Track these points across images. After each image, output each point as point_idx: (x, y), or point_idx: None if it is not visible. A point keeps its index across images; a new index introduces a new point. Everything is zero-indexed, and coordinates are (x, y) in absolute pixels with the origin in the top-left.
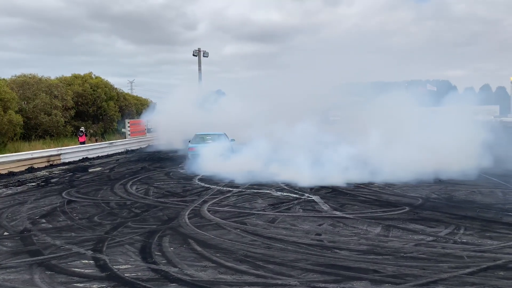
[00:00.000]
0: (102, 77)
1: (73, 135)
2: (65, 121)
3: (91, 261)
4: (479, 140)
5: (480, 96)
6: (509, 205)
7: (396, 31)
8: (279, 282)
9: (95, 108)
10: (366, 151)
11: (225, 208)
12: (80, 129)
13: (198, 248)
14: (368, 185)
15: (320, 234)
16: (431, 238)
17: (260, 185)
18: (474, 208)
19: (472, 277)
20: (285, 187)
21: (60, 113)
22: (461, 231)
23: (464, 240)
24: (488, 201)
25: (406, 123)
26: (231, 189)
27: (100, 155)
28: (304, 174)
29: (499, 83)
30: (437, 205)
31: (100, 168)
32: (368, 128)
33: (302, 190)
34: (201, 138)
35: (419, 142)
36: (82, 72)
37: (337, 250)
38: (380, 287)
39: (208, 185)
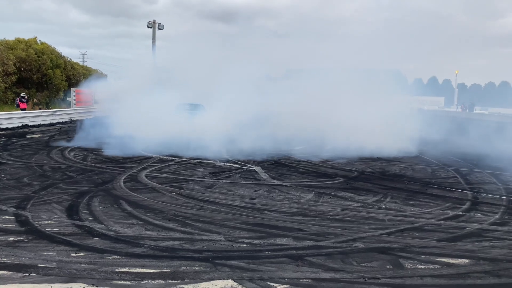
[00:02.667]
0: (50, 44)
1: (14, 103)
2: (5, 87)
3: (12, 217)
4: (420, 126)
5: (428, 87)
6: (435, 179)
7: (353, 20)
8: (205, 238)
9: (39, 75)
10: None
11: (164, 175)
12: (21, 95)
13: (128, 208)
14: (309, 159)
15: (254, 198)
16: (358, 204)
17: (205, 156)
18: (403, 181)
19: (389, 236)
20: (229, 158)
21: (0, 78)
22: (387, 199)
23: (389, 207)
24: (417, 176)
25: (354, 107)
26: (174, 158)
27: (42, 123)
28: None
29: (446, 75)
30: (370, 178)
31: (39, 135)
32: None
33: (245, 161)
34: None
35: (363, 124)
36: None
37: (268, 212)
38: (301, 243)
39: (151, 154)
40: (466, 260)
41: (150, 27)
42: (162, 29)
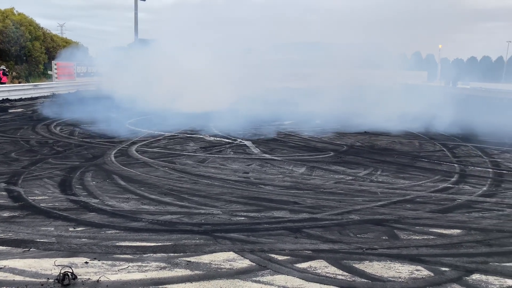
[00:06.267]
0: (28, 15)
1: None
2: None
3: (4, 193)
4: (407, 100)
5: (411, 62)
6: (423, 153)
7: None
8: (202, 211)
9: (18, 47)
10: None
11: (155, 149)
12: (2, 67)
13: (122, 183)
14: (298, 134)
15: (247, 173)
16: (350, 178)
17: (194, 131)
18: (392, 155)
19: (382, 208)
20: (219, 133)
21: None
22: (378, 172)
23: (380, 180)
24: (406, 149)
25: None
26: (163, 133)
27: (23, 97)
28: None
29: (429, 50)
30: (359, 152)
31: (22, 109)
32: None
33: (235, 136)
34: None
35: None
36: (2, 7)
37: (262, 186)
38: (298, 215)
39: (139, 129)
40: (458, 231)
41: None
42: (144, 0)
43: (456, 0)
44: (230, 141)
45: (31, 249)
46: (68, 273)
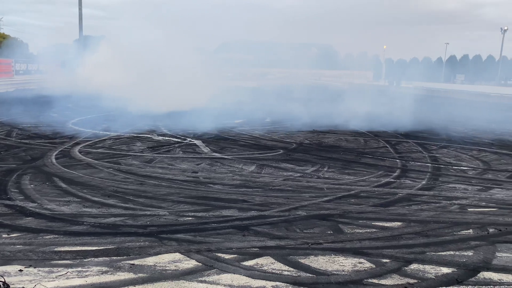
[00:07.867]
0: None
1: None
2: None
3: None
4: (355, 99)
5: (357, 62)
6: (368, 149)
7: None
8: (148, 213)
9: None
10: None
11: (99, 150)
12: None
13: (63, 185)
14: (249, 132)
15: (196, 172)
16: (298, 174)
17: (142, 130)
18: (338, 151)
19: (328, 203)
20: (168, 132)
21: None
22: (325, 169)
23: (326, 176)
24: (351, 146)
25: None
26: (108, 133)
27: None
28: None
29: (375, 51)
30: (308, 149)
31: None
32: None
33: (184, 135)
34: None
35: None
36: None
37: (211, 185)
38: (246, 213)
39: (83, 129)
40: (398, 223)
41: None
42: None
43: (401, 2)
44: (179, 140)
45: None
46: (0, 282)
